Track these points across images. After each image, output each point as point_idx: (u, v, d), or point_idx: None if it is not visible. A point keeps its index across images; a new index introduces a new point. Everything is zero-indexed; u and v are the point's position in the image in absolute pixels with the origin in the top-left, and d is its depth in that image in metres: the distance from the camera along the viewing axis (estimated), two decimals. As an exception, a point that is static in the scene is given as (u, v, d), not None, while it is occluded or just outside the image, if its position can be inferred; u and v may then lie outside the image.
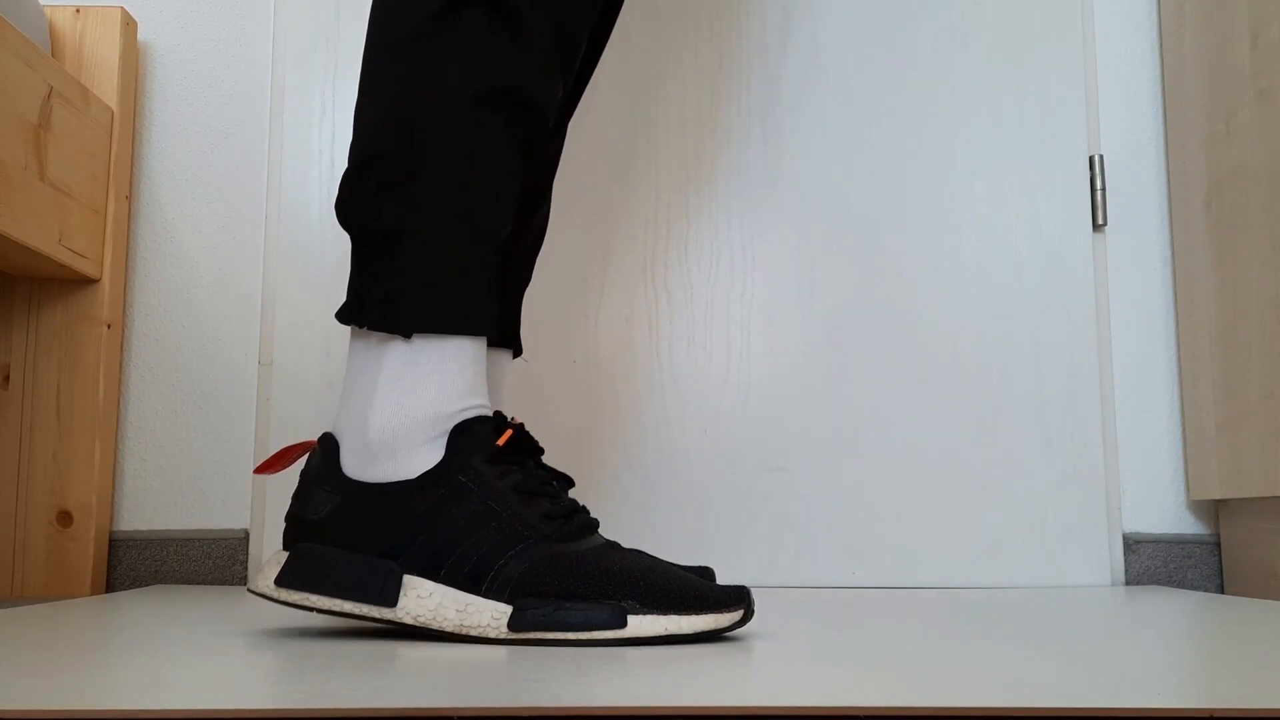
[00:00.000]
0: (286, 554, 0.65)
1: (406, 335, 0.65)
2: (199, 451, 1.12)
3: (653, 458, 1.13)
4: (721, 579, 1.12)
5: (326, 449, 0.66)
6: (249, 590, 0.65)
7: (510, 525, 0.62)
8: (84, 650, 0.57)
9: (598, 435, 1.14)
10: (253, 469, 0.80)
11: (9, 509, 1.05)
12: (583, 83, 0.85)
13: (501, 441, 0.65)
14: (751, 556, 1.12)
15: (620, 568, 0.62)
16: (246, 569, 1.10)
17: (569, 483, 0.69)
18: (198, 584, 1.09)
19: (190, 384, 1.13)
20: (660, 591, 0.61)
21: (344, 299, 0.70)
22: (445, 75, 0.66)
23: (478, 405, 0.66)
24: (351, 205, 0.69)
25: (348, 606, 0.62)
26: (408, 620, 0.61)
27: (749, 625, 0.71)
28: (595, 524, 0.66)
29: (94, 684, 0.45)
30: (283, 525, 1.10)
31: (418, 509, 0.63)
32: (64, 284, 1.08)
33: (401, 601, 0.61)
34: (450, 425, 0.65)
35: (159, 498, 1.12)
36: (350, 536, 0.63)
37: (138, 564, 1.10)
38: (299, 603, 0.63)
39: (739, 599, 0.62)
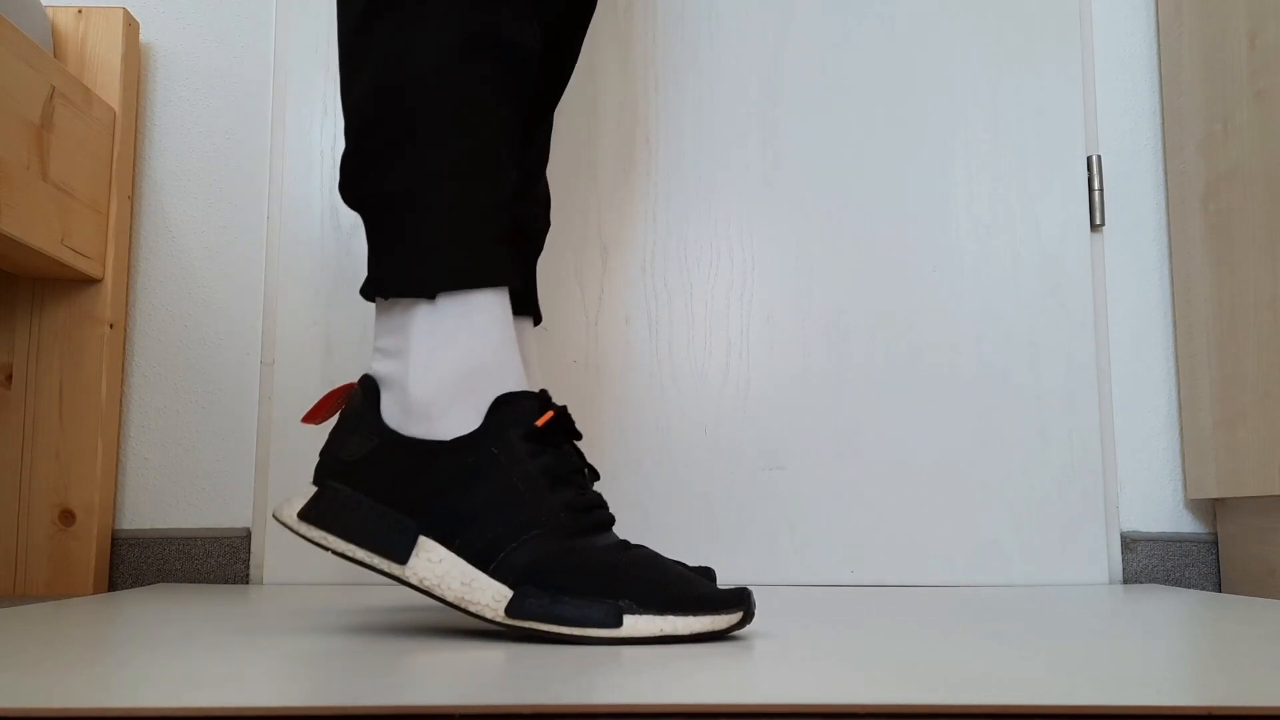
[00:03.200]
0: (315, 489, 0.65)
1: (431, 296, 0.66)
2: (201, 450, 1.13)
3: (652, 458, 1.14)
4: (721, 578, 1.12)
5: (367, 391, 0.67)
6: (273, 516, 0.66)
7: (530, 509, 0.62)
8: (86, 649, 0.57)
9: (597, 435, 1.14)
10: (300, 418, 0.80)
11: (12, 508, 1.05)
12: (568, 66, 0.84)
13: (541, 422, 0.64)
14: (750, 555, 1.13)
15: (621, 566, 0.61)
16: (248, 568, 1.11)
17: (595, 475, 0.69)
18: (200, 583, 1.10)
19: (192, 383, 1.14)
20: (658, 592, 0.60)
21: (366, 278, 0.70)
22: (424, 32, 0.67)
23: (515, 371, 0.66)
24: (355, 180, 0.69)
25: (361, 554, 0.63)
26: (413, 580, 0.62)
27: (748, 624, 0.71)
28: (611, 521, 0.66)
29: (96, 682, 0.46)
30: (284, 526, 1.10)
31: (446, 473, 0.63)
32: (66, 284, 1.08)
33: (412, 561, 0.62)
34: (486, 385, 0.65)
35: (161, 497, 1.12)
36: (378, 485, 0.64)
37: (140, 563, 1.10)
38: (318, 540, 0.63)
39: (739, 601, 0.61)
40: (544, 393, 0.67)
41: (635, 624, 0.59)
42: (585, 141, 1.18)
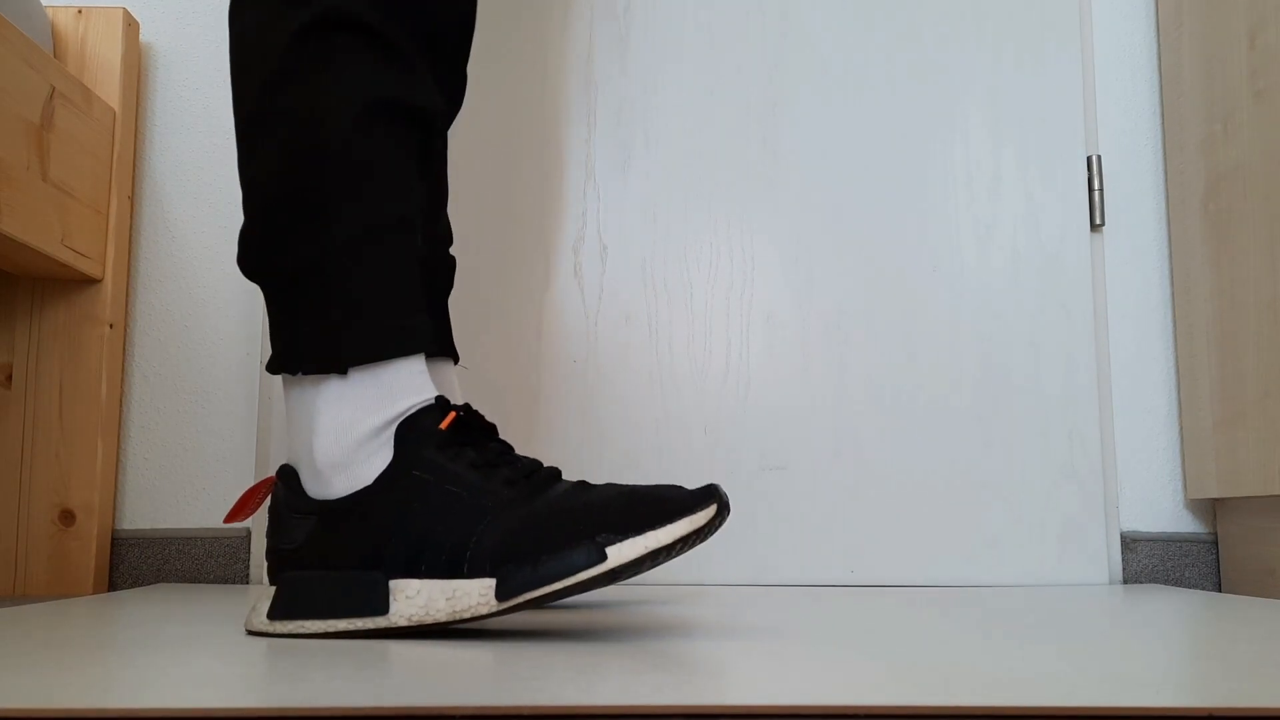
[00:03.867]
0: (273, 588, 0.66)
1: (343, 372, 0.66)
2: (201, 450, 1.13)
3: (653, 457, 1.14)
4: (721, 578, 1.12)
5: (287, 479, 0.67)
6: (247, 631, 0.66)
7: (474, 502, 0.62)
8: (86, 649, 0.57)
9: (598, 435, 1.14)
10: (223, 518, 0.81)
11: (12, 508, 1.05)
12: (457, 97, 0.84)
13: (445, 425, 0.65)
14: (750, 555, 1.13)
15: (585, 505, 0.61)
16: (249, 568, 1.11)
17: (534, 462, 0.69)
18: (200, 583, 1.10)
19: (192, 383, 1.14)
20: (629, 514, 0.60)
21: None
22: (328, 104, 0.66)
23: (420, 400, 0.66)
24: (258, 254, 0.69)
25: (342, 625, 0.63)
26: (402, 623, 0.62)
27: (748, 622, 0.71)
28: (557, 472, 0.66)
29: (96, 682, 0.46)
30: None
31: (383, 512, 0.63)
32: (66, 284, 1.08)
33: (393, 607, 0.62)
34: (395, 425, 0.65)
35: (161, 497, 1.12)
36: (330, 556, 0.64)
37: (140, 563, 1.10)
38: (294, 631, 0.64)
39: (708, 496, 0.61)
40: (441, 398, 0.67)
41: (620, 551, 0.59)
42: (585, 141, 1.18)
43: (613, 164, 1.18)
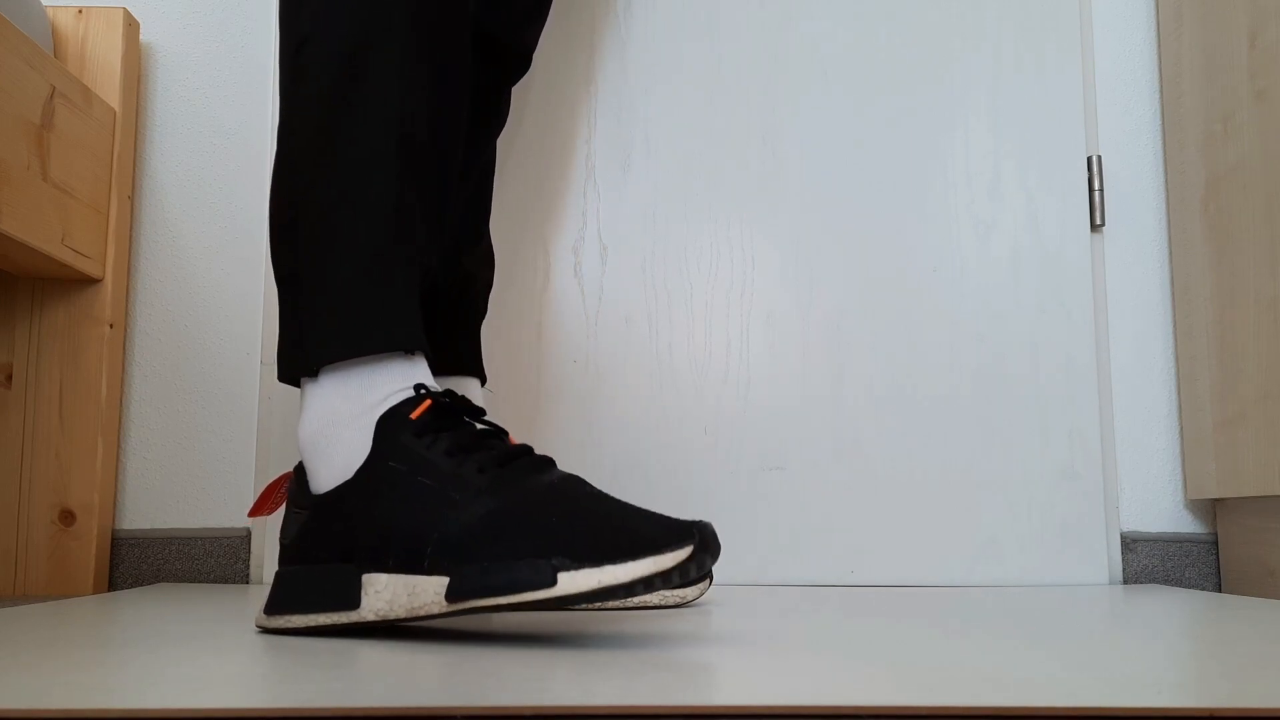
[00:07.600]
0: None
1: (313, 374, 0.67)
2: (201, 450, 1.13)
3: (652, 457, 1.14)
4: (721, 578, 1.12)
5: (299, 474, 0.68)
6: (256, 627, 0.68)
7: (440, 494, 0.60)
8: (86, 649, 0.57)
9: (598, 435, 1.14)
10: (247, 512, 0.81)
11: (12, 508, 1.05)
12: (488, 111, 0.83)
13: (416, 414, 0.63)
14: (750, 555, 1.13)
15: (554, 520, 0.57)
16: (248, 567, 1.11)
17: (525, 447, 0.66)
18: (200, 583, 1.10)
19: (192, 383, 1.14)
20: (591, 542, 0.55)
21: None
22: (294, 120, 0.70)
23: (401, 392, 0.65)
24: (272, 267, 0.72)
25: (321, 619, 0.63)
26: (371, 617, 0.61)
27: (748, 622, 0.71)
28: (542, 461, 0.63)
29: (96, 683, 0.46)
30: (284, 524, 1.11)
31: (357, 505, 0.63)
32: (66, 284, 1.08)
33: (364, 601, 0.61)
34: (375, 411, 0.64)
35: (161, 497, 1.12)
36: (319, 551, 0.65)
37: (140, 563, 1.10)
38: (283, 626, 0.64)
39: (685, 535, 0.55)
40: (420, 386, 0.65)
41: (572, 579, 0.55)
42: (585, 141, 1.18)
43: (613, 164, 1.18)
